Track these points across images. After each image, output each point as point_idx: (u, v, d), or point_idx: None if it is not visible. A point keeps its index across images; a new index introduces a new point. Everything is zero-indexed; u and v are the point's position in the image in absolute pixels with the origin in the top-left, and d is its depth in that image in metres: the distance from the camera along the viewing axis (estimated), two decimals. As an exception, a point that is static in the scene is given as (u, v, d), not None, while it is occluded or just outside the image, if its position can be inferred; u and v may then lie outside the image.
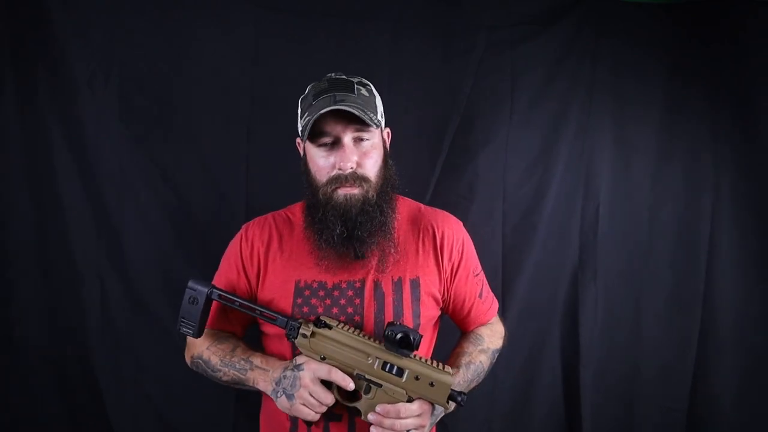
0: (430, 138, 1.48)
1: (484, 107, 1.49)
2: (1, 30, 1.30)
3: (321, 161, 0.96)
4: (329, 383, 0.90)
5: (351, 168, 0.94)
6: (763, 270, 1.54)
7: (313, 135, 0.94)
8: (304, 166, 1.02)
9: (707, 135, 1.54)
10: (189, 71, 1.39)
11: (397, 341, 0.87)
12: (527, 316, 1.52)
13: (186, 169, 1.41)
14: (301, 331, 0.91)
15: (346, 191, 0.95)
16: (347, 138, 0.94)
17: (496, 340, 1.13)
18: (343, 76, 1.01)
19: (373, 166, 0.97)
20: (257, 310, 0.94)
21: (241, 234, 1.07)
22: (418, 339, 0.88)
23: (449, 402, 0.90)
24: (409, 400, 0.90)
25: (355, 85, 0.98)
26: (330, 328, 0.91)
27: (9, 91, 1.32)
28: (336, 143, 0.95)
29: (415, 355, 0.91)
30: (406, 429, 0.89)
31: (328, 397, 0.89)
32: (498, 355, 1.14)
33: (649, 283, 1.57)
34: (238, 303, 0.95)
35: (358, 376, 0.90)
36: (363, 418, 0.90)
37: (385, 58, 1.45)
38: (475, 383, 1.05)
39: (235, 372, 0.98)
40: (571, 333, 1.56)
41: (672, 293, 1.57)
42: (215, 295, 0.94)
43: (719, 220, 1.55)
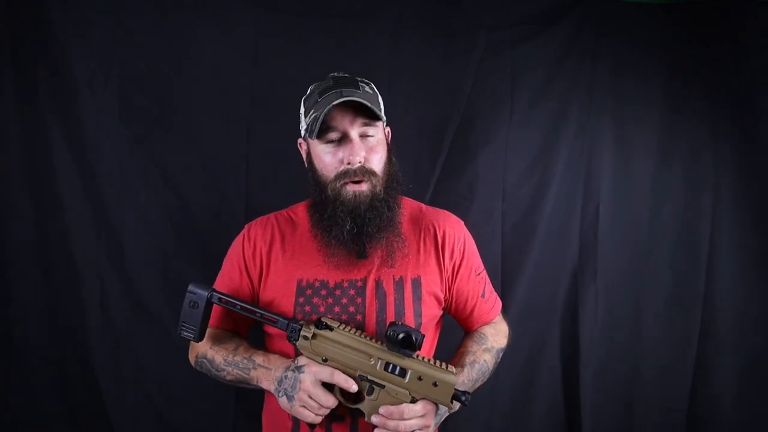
0: (430, 138, 1.48)
1: (484, 107, 1.49)
2: (1, 30, 1.30)
3: (328, 158, 0.97)
4: (331, 385, 0.89)
5: (359, 162, 0.95)
6: (763, 270, 1.54)
7: (320, 131, 0.95)
8: (309, 165, 1.03)
9: (707, 135, 1.54)
10: (189, 71, 1.39)
11: (399, 341, 0.86)
12: (527, 316, 1.52)
13: (186, 169, 1.41)
14: (302, 333, 0.90)
15: (355, 188, 0.95)
16: (354, 132, 0.95)
17: (500, 339, 1.13)
18: (346, 75, 1.02)
19: (379, 162, 0.98)
20: (258, 313, 0.93)
21: (243, 234, 1.07)
22: (420, 339, 0.87)
23: (453, 402, 0.89)
24: (412, 401, 0.89)
25: (359, 82, 0.99)
26: (331, 329, 0.90)
27: (9, 91, 1.32)
28: (342, 139, 0.96)
29: (417, 355, 0.90)
30: (411, 430, 0.88)
31: (329, 399, 0.88)
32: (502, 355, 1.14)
33: (649, 283, 1.57)
34: (239, 306, 0.94)
35: (361, 377, 0.89)
36: (366, 419, 0.90)
37: (385, 58, 1.45)
38: (480, 383, 1.04)
39: (238, 371, 0.97)
40: (571, 333, 1.56)
41: (672, 293, 1.57)
42: (215, 299, 0.93)
43: (719, 220, 1.55)
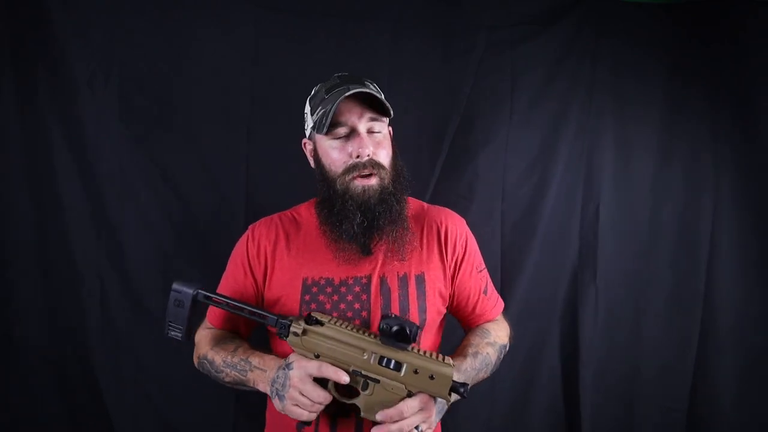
0: (430, 138, 1.48)
1: (484, 107, 1.50)
2: (1, 30, 1.30)
3: (336, 153, 0.98)
4: (325, 381, 0.86)
5: (368, 155, 0.96)
6: (763, 270, 1.54)
7: (329, 126, 0.95)
8: (316, 163, 1.04)
9: (707, 135, 1.54)
10: (189, 71, 1.40)
11: (393, 334, 0.84)
12: (527, 316, 1.52)
13: (186, 169, 1.41)
14: (292, 329, 0.88)
15: (364, 183, 0.96)
16: (362, 127, 0.97)
17: (502, 336, 1.12)
18: (352, 74, 1.04)
19: (386, 157, 1.00)
20: (246, 310, 0.91)
21: (247, 234, 1.07)
22: (414, 330, 0.84)
23: (452, 394, 0.86)
24: (408, 395, 0.86)
25: (364, 81, 1.01)
26: (322, 324, 0.87)
27: (9, 91, 1.32)
28: (350, 135, 0.97)
29: (413, 348, 0.88)
30: (414, 426, 0.86)
31: (321, 394, 0.85)
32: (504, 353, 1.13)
33: (649, 283, 1.57)
34: (226, 303, 0.91)
35: (355, 372, 0.86)
36: (362, 415, 0.87)
37: (385, 58, 1.46)
38: (482, 374, 1.03)
39: (236, 373, 0.96)
40: (570, 333, 1.56)
41: (672, 293, 1.57)
42: (201, 297, 0.90)
43: (719, 220, 1.55)
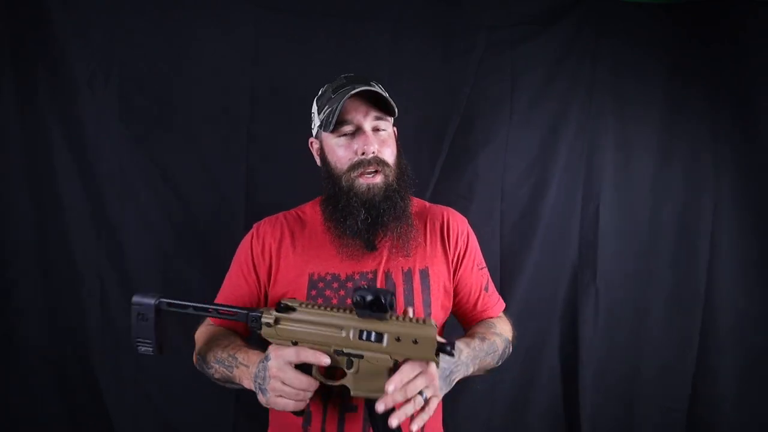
0: (430, 138, 1.48)
1: (484, 107, 1.50)
2: (1, 30, 1.30)
3: (341, 150, 1.00)
4: (308, 367, 0.83)
5: (373, 152, 0.98)
6: (764, 270, 1.54)
7: (335, 124, 0.98)
8: (322, 161, 1.06)
9: (707, 135, 1.54)
10: (189, 71, 1.40)
11: (368, 305, 0.79)
12: (527, 316, 1.52)
13: (186, 169, 1.41)
14: (263, 320, 0.84)
15: (369, 181, 0.98)
16: (368, 125, 0.99)
17: (507, 330, 1.11)
18: (358, 75, 1.06)
19: (391, 155, 1.02)
20: (212, 310, 0.87)
21: (252, 232, 1.08)
22: (389, 298, 0.80)
23: (439, 356, 0.82)
24: (395, 365, 0.82)
25: (370, 81, 1.03)
26: (294, 309, 0.84)
27: (9, 91, 1.32)
28: (355, 133, 1.00)
29: (391, 316, 0.83)
30: (417, 391, 0.81)
31: (304, 380, 0.81)
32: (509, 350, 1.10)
33: (649, 283, 1.57)
34: (191, 307, 0.86)
35: (337, 352, 0.83)
36: (353, 394, 0.84)
37: (385, 58, 1.46)
38: (490, 360, 1.00)
39: (223, 369, 0.94)
40: (570, 333, 1.56)
41: (672, 293, 1.57)
42: (164, 305, 0.86)
43: (719, 220, 1.55)
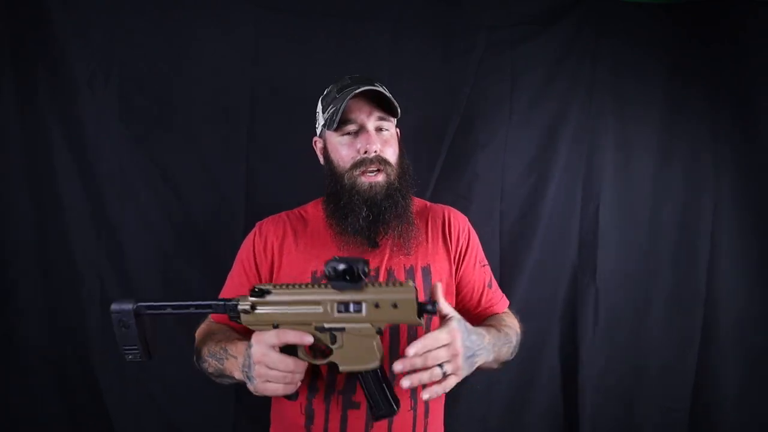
0: (430, 138, 1.48)
1: (484, 107, 1.50)
2: (1, 30, 1.30)
3: (344, 149, 1.02)
4: (294, 349, 0.83)
5: (375, 151, 1.00)
6: (764, 270, 1.53)
7: (339, 123, 1.00)
8: (325, 159, 1.08)
9: (707, 135, 1.54)
10: (189, 71, 1.40)
11: (342, 275, 0.79)
12: (527, 316, 1.48)
13: (186, 169, 1.41)
14: (239, 307, 0.84)
15: (371, 179, 1.00)
16: (371, 124, 1.01)
17: (515, 325, 1.10)
18: (362, 76, 1.07)
19: (393, 154, 1.04)
20: (191, 306, 0.86)
21: (255, 231, 1.09)
22: (361, 266, 0.79)
23: (423, 317, 0.81)
24: (378, 332, 0.82)
25: (374, 82, 1.05)
26: (269, 292, 0.84)
27: (9, 91, 1.32)
28: (359, 132, 1.02)
29: (366, 283, 0.81)
30: (438, 362, 0.79)
31: (289, 362, 0.81)
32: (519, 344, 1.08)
33: (649, 284, 1.57)
34: (170, 307, 0.86)
35: (318, 328, 0.82)
36: (341, 369, 0.83)
37: (385, 58, 1.46)
38: (505, 350, 1.00)
39: (215, 362, 0.94)
40: (570, 333, 1.56)
41: (672, 293, 1.57)
42: (142, 309, 0.85)
43: (719, 220, 1.55)
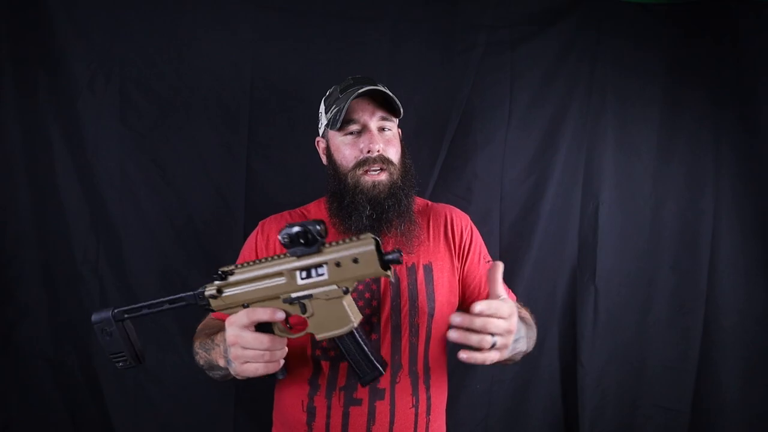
0: (429, 138, 1.48)
1: (484, 107, 1.50)
2: (1, 30, 1.30)
3: (347, 149, 1.02)
4: (269, 326, 0.82)
5: (378, 151, 1.00)
6: (765, 269, 1.54)
7: (342, 123, 1.00)
8: (328, 159, 1.08)
9: (707, 135, 1.54)
10: (189, 71, 1.39)
11: (297, 240, 0.77)
12: (527, 316, 1.52)
13: (186, 169, 1.41)
14: (206, 293, 0.84)
15: (374, 178, 1.00)
16: (373, 124, 1.02)
17: (531, 319, 1.06)
18: (365, 76, 1.07)
19: (395, 154, 1.04)
20: (164, 304, 0.86)
21: (257, 229, 1.09)
22: (316, 228, 0.76)
23: (391, 269, 0.79)
24: (345, 292, 0.79)
25: (376, 82, 1.05)
26: (231, 273, 0.83)
27: (9, 91, 1.32)
28: (361, 132, 1.02)
29: (324, 244, 0.79)
30: (497, 331, 0.77)
31: (264, 339, 0.79)
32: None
33: (650, 284, 1.57)
34: (144, 308, 0.86)
35: (285, 300, 0.81)
36: (318, 338, 0.82)
37: (385, 58, 1.46)
38: (531, 342, 0.98)
39: (205, 353, 0.94)
40: (570, 333, 1.56)
41: (673, 293, 1.57)
42: (120, 314, 0.86)
43: (720, 220, 1.55)
